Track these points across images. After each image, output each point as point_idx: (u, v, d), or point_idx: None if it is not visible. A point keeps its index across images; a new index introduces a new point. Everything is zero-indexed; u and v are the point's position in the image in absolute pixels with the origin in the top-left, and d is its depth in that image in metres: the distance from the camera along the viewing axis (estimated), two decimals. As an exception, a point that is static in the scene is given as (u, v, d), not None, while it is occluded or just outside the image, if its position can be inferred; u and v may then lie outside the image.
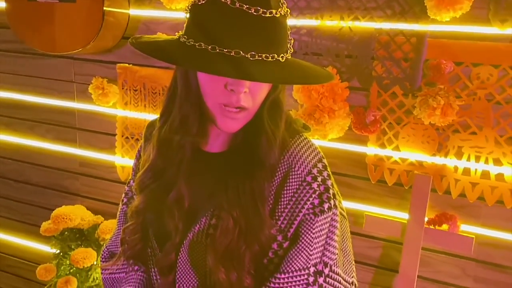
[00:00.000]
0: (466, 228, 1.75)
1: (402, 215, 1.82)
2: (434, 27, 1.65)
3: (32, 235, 2.71)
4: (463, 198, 1.73)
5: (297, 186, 0.98)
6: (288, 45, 0.92)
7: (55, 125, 2.52)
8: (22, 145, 2.64)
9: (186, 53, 0.87)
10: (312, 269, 0.98)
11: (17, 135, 2.64)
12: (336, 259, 1.01)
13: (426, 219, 1.75)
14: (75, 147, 2.50)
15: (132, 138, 2.32)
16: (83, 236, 2.36)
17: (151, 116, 2.24)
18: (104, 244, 1.31)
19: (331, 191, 1.01)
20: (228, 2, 0.83)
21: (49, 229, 2.28)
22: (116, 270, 1.25)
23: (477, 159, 1.68)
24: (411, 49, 1.68)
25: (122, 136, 2.34)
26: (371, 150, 1.83)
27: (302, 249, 0.98)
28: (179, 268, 1.05)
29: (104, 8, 1.95)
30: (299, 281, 0.98)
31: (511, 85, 1.60)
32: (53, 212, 2.29)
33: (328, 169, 1.03)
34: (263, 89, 0.95)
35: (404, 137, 1.77)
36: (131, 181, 1.25)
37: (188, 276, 1.05)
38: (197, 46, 0.86)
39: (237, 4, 0.83)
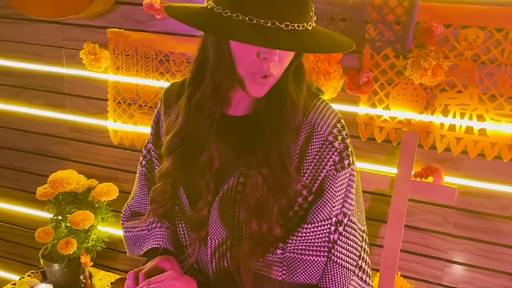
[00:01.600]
0: (449, 180, 1.83)
1: (391, 170, 1.88)
2: (425, -9, 1.67)
3: (22, 200, 2.64)
4: (447, 152, 1.80)
5: (320, 145, 1.03)
6: (311, 13, 0.93)
7: (43, 91, 2.42)
8: (8, 111, 2.52)
9: (225, 24, 0.87)
10: (333, 219, 1.04)
11: (2, 101, 2.52)
12: (353, 209, 1.08)
13: (413, 172, 1.82)
14: (65, 113, 2.42)
15: (124, 102, 2.26)
16: (77, 200, 2.32)
17: (144, 80, 2.19)
18: (126, 204, 1.31)
19: (349, 149, 1.07)
20: None
21: (45, 193, 2.22)
22: (139, 227, 1.26)
23: (462, 115, 1.74)
24: (403, 12, 1.70)
25: (114, 101, 2.27)
26: (362, 109, 1.86)
27: (326, 202, 1.03)
28: (210, 223, 1.08)
29: (99, -29, 1.85)
30: (322, 230, 1.04)
31: (496, 46, 1.65)
32: (50, 176, 2.22)
33: (346, 128, 1.08)
34: (290, 56, 0.97)
35: (394, 96, 1.80)
36: (149, 144, 1.25)
37: (218, 230, 1.09)
38: (234, 17, 0.86)
39: None
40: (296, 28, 0.87)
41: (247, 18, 0.85)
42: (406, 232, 1.92)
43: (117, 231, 2.45)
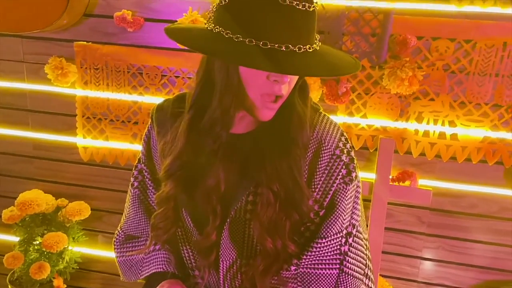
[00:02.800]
0: (423, 182, 1.89)
1: (369, 175, 1.91)
2: (399, 5, 1.71)
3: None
4: (421, 157, 1.86)
5: (328, 160, 1.02)
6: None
7: (4, 108, 2.23)
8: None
9: (239, 49, 0.83)
10: (344, 232, 1.04)
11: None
12: (359, 220, 1.08)
13: (390, 177, 1.86)
14: (28, 130, 2.25)
15: (94, 118, 2.13)
16: (46, 221, 2.16)
17: (116, 95, 2.07)
18: (119, 227, 1.23)
19: (355, 161, 1.05)
20: (280, 0, 0.81)
21: (12, 217, 2.05)
22: (135, 251, 1.19)
23: (435, 122, 1.80)
24: (378, 25, 1.73)
25: (83, 116, 2.14)
26: (340, 118, 1.88)
27: (339, 216, 1.02)
28: (222, 246, 1.04)
29: (69, -16, 1.73)
30: (335, 243, 1.03)
31: (465, 56, 1.72)
32: (18, 198, 2.06)
33: (349, 141, 1.07)
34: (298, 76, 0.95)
35: (371, 105, 1.83)
36: (140, 164, 1.17)
37: (229, 252, 1.05)
38: (247, 42, 0.83)
39: (288, 1, 0.81)
40: (308, 50, 0.85)
41: (261, 43, 0.82)
42: (384, 234, 1.96)
43: (90, 251, 2.32)
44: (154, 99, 2.05)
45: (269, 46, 0.82)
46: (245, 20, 0.84)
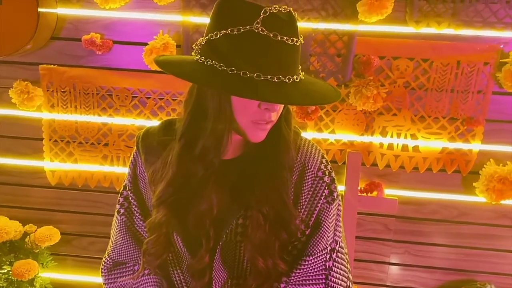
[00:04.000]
0: (389, 192, 1.99)
1: (339, 188, 1.97)
2: (362, 27, 1.80)
3: None
4: (386, 168, 1.96)
5: (312, 181, 1.06)
6: None
7: (-37, 133, 2.13)
8: None
9: (234, 81, 0.86)
10: (328, 248, 1.09)
11: None
12: (341, 235, 1.13)
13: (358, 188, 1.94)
14: (-10, 155, 2.16)
15: (62, 141, 2.08)
16: (14, 248, 2.08)
17: (84, 117, 2.04)
18: (106, 254, 1.22)
19: (335, 181, 1.11)
20: (271, 36, 0.85)
21: (-21, 247, 1.96)
22: (123, 277, 1.18)
23: (398, 135, 1.90)
24: (343, 46, 1.81)
25: (50, 139, 2.08)
26: (310, 134, 1.94)
27: (324, 233, 1.07)
28: (215, 268, 1.06)
29: (39, 10, 1.68)
30: (321, 259, 1.08)
31: (423, 74, 1.84)
32: (-16, 228, 1.97)
33: (328, 161, 1.12)
34: None
35: (338, 121, 1.91)
36: (125, 191, 1.17)
37: (221, 273, 1.07)
38: (241, 75, 0.86)
39: (279, 37, 0.85)
40: (295, 80, 0.89)
41: (255, 75, 0.86)
42: (354, 242, 2.04)
43: (59, 275, 2.24)
44: (125, 121, 2.03)
45: (263, 78, 0.86)
46: (238, 54, 0.87)
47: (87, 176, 2.12)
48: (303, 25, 1.80)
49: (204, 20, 1.85)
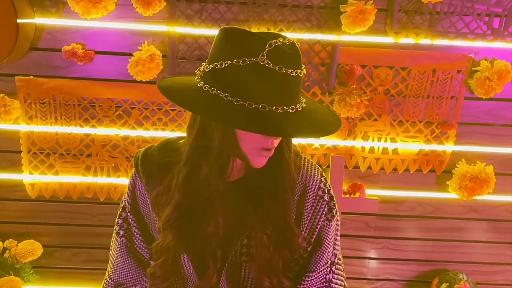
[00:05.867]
0: (370, 192, 2.08)
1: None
2: (345, 37, 1.85)
3: None
4: (367, 170, 2.04)
5: (313, 201, 1.10)
6: None
7: None
8: None
9: (241, 113, 0.88)
10: (329, 262, 1.14)
11: None
12: (339, 249, 1.19)
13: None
14: (-37, 170, 2.05)
15: (41, 153, 2.01)
16: (-5, 265, 2.00)
17: (65, 128, 1.97)
18: (107, 275, 1.20)
19: (334, 198, 1.15)
20: (276, 69, 0.86)
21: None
22: None
23: (379, 139, 1.99)
24: (327, 55, 1.86)
25: (29, 152, 2.00)
26: (294, 140, 1.97)
27: (325, 250, 1.12)
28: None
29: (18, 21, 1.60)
30: (322, 274, 1.13)
31: (402, 82, 1.92)
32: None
33: (326, 179, 1.16)
34: None
35: (323, 128, 1.96)
36: (124, 213, 1.16)
37: None
38: (247, 106, 0.87)
39: (284, 70, 0.87)
40: (298, 109, 0.92)
41: (260, 106, 0.87)
42: (337, 241, 2.12)
43: (42, 288, 2.19)
44: (108, 131, 1.99)
45: (268, 109, 0.88)
46: (243, 85, 0.88)
47: (69, 188, 2.06)
48: (288, 35, 1.82)
49: (190, 30, 1.83)
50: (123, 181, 2.04)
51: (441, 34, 1.84)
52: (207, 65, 0.92)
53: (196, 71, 0.95)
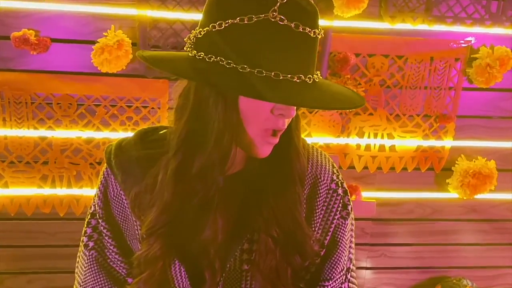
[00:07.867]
0: (365, 194, 1.89)
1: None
2: (337, 23, 1.68)
3: None
4: (363, 170, 1.86)
5: (325, 195, 0.94)
6: None
7: None
8: None
9: (250, 81, 0.71)
10: (345, 269, 0.98)
11: None
12: (354, 252, 1.02)
13: (335, 193, 1.81)
14: None
15: (-14, 159, 1.69)
16: None
17: (16, 131, 1.68)
18: None
19: (348, 192, 0.99)
20: (292, 26, 0.70)
21: None
22: None
23: (375, 135, 1.82)
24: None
25: (-30, 161, 1.68)
26: (285, 138, 1.78)
27: (341, 254, 0.95)
28: None
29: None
30: (338, 283, 0.96)
31: (398, 72, 1.77)
32: None
33: (338, 170, 1.00)
34: None
35: (315, 123, 1.78)
36: (94, 220, 0.95)
37: None
38: (256, 73, 0.71)
39: (301, 28, 0.71)
40: (315, 79, 0.76)
41: (273, 73, 0.71)
42: (331, 250, 1.91)
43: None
44: (68, 133, 1.71)
45: (281, 78, 0.71)
46: (250, 48, 0.71)
47: (21, 202, 1.75)
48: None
49: (163, 14, 1.60)
50: (87, 192, 1.76)
51: (438, 18, 1.71)
52: (200, 30, 0.74)
53: (185, 39, 0.76)
